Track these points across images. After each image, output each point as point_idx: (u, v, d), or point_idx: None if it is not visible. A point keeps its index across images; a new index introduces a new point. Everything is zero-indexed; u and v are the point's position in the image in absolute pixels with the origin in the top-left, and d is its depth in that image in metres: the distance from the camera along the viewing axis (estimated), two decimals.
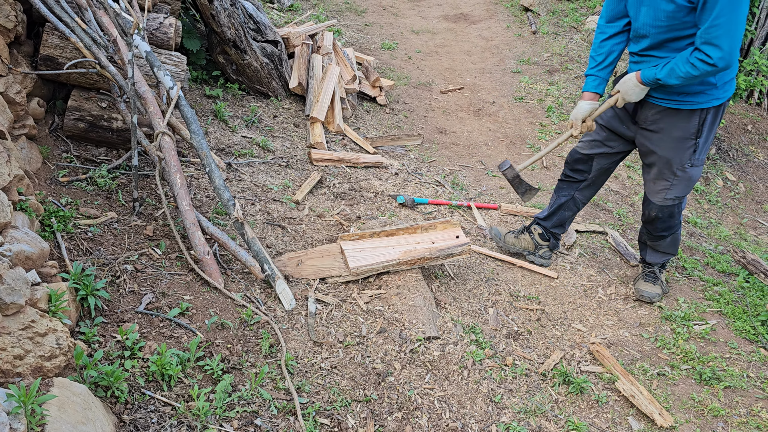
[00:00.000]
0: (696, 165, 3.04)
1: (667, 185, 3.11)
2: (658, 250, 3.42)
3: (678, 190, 3.11)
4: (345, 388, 2.47)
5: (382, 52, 6.89)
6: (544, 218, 3.58)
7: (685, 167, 3.03)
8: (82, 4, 3.20)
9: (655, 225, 3.27)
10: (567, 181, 3.46)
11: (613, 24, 3.03)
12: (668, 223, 3.26)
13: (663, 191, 3.14)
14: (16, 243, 2.04)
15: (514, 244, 3.64)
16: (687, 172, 3.05)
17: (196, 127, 2.97)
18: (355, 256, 3.06)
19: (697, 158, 3.02)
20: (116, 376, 2.01)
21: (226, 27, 4.41)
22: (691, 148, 2.99)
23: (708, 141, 3.00)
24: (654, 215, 3.23)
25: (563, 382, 2.78)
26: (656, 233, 3.32)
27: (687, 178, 3.07)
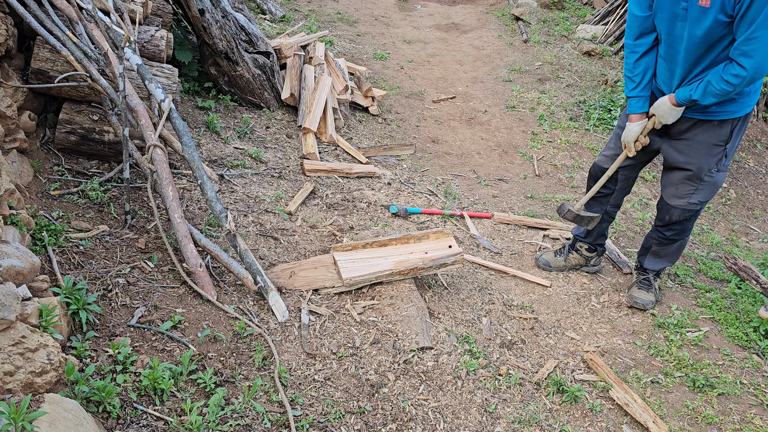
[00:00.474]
0: (722, 170, 3.06)
1: (693, 189, 3.11)
2: (660, 256, 3.42)
3: (702, 195, 3.11)
4: (339, 399, 2.47)
5: (374, 62, 6.92)
6: (585, 236, 3.61)
7: (712, 172, 3.05)
8: (73, 18, 3.21)
9: (672, 228, 3.27)
10: (596, 198, 3.46)
11: (642, 41, 2.99)
12: (684, 227, 3.26)
13: (687, 195, 3.13)
14: (7, 258, 2.03)
15: (566, 265, 3.69)
16: (713, 177, 3.06)
17: (188, 140, 2.97)
18: (348, 267, 3.05)
19: (723, 164, 3.04)
20: (108, 391, 2.00)
21: (217, 39, 4.42)
22: (720, 155, 3.01)
23: (735, 146, 3.02)
24: (675, 219, 3.22)
25: (557, 391, 2.78)
26: (669, 237, 3.32)
27: (713, 183, 3.08)
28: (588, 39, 8.71)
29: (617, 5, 8.97)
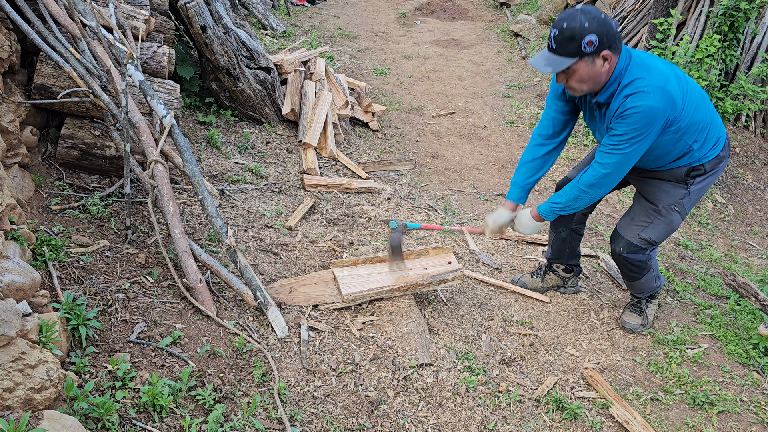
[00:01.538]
0: (680, 212, 2.99)
1: (647, 223, 3.03)
2: (635, 289, 3.38)
3: (654, 232, 3.02)
4: (338, 416, 2.46)
5: (374, 78, 6.97)
6: (556, 257, 3.55)
7: (671, 208, 2.98)
8: (77, 35, 3.24)
9: (622, 263, 3.17)
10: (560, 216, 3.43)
11: (547, 141, 3.04)
12: (635, 267, 3.16)
13: (639, 228, 3.04)
14: (8, 274, 2.04)
15: (543, 286, 3.65)
16: (670, 215, 2.99)
17: (189, 155, 2.99)
18: (348, 283, 3.06)
19: (683, 205, 2.98)
20: (107, 407, 1.99)
21: (219, 55, 4.46)
22: (682, 191, 2.96)
23: (700, 194, 2.98)
24: (619, 251, 3.11)
25: (557, 408, 2.77)
26: (628, 274, 3.24)
27: (668, 221, 3.00)
28: None
29: None
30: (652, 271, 3.24)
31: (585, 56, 2.51)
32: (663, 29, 5.93)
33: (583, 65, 2.55)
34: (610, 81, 2.63)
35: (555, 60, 2.55)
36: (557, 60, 2.55)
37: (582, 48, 2.49)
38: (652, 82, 2.56)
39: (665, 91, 2.57)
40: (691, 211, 5.45)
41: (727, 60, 5.95)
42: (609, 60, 2.55)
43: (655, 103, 2.56)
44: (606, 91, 2.67)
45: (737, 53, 6.11)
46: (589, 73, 2.57)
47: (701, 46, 5.64)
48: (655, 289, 3.38)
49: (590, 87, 2.65)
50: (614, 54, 2.55)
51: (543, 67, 2.58)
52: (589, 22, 2.46)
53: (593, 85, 2.64)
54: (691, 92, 2.73)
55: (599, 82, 2.63)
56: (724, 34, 5.85)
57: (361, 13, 9.78)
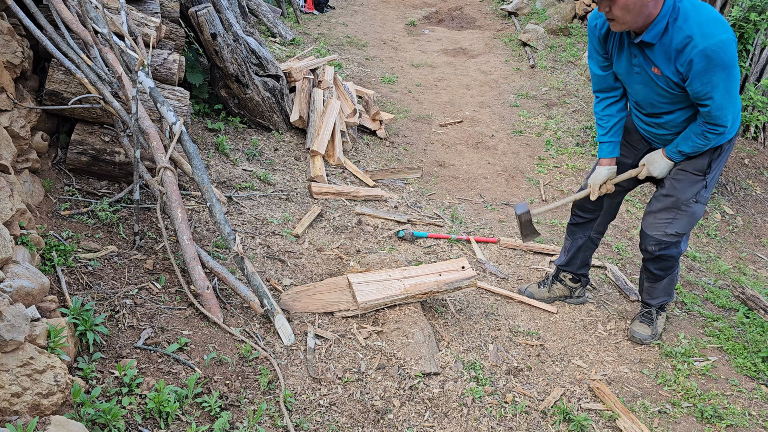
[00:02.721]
0: (701, 202, 3.01)
1: (670, 219, 3.05)
2: (655, 291, 3.36)
3: (679, 226, 3.05)
4: (344, 425, 2.45)
5: (382, 86, 6.98)
6: (567, 264, 3.55)
7: (690, 203, 3.00)
8: (88, 41, 3.26)
9: (655, 262, 3.22)
10: (579, 224, 3.44)
11: (606, 94, 3.04)
12: (666, 263, 3.19)
13: (664, 225, 3.06)
14: (17, 278, 2.05)
15: (550, 296, 3.63)
16: (691, 208, 3.01)
17: (198, 162, 3.00)
18: (363, 290, 3.05)
19: (702, 195, 3.00)
20: (113, 413, 2.00)
21: (228, 62, 4.48)
22: (700, 186, 2.98)
23: (715, 178, 3.00)
24: (650, 249, 3.15)
25: (564, 420, 2.75)
26: (655, 273, 3.25)
27: (690, 213, 3.02)
28: None
29: None
30: (677, 268, 3.26)
31: None
32: None
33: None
34: (658, 18, 2.53)
35: None
36: None
37: None
38: (710, 15, 2.47)
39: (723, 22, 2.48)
40: (699, 222, 5.42)
41: None
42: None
43: (726, 35, 2.45)
44: (653, 28, 2.55)
45: (746, 64, 6.09)
46: (633, 1, 2.47)
47: None
48: (669, 297, 3.38)
49: (633, 19, 2.53)
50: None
51: None
52: None
53: (637, 17, 2.52)
54: None
55: (644, 14, 2.52)
56: None
57: (370, 22, 9.82)
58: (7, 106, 2.86)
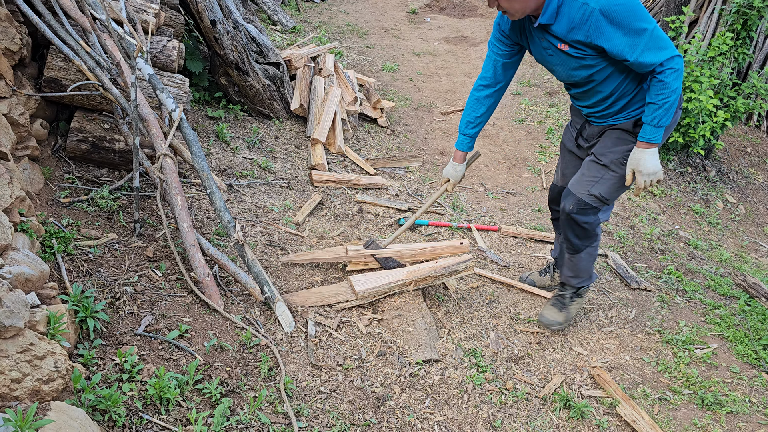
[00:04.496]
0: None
1: (596, 179, 2.87)
2: (573, 268, 3.16)
3: (603, 188, 2.86)
4: (344, 412, 2.46)
5: (383, 74, 6.95)
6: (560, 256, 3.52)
7: (618, 164, 2.81)
8: (87, 28, 3.24)
9: (569, 225, 2.99)
10: (557, 218, 3.36)
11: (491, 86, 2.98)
12: (583, 230, 2.98)
13: (589, 184, 2.88)
14: (17, 265, 2.05)
15: (552, 284, 3.62)
16: (619, 171, 2.82)
17: (198, 149, 2.99)
18: (361, 280, 3.05)
19: None
20: (114, 399, 2.00)
21: (228, 49, 4.46)
22: (629, 144, 2.80)
23: None
24: (569, 209, 2.94)
25: (564, 407, 2.76)
26: (571, 239, 3.04)
27: (618, 177, 2.83)
28: None
29: None
30: (595, 245, 3.08)
31: None
32: (675, 27, 5.88)
33: None
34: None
35: None
36: None
37: None
38: None
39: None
40: (702, 210, 5.41)
41: (740, 58, 5.89)
42: None
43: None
44: (546, 9, 2.53)
45: (750, 52, 6.05)
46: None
47: (713, 45, 5.59)
48: (587, 280, 3.21)
49: (523, 7, 2.52)
50: None
51: None
52: None
53: (526, 4, 2.51)
54: None
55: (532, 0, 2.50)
56: (737, 32, 5.79)
57: (371, 10, 9.76)
58: (5, 93, 2.85)
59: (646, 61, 2.51)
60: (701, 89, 5.40)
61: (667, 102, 2.57)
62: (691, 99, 5.43)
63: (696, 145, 5.66)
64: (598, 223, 2.99)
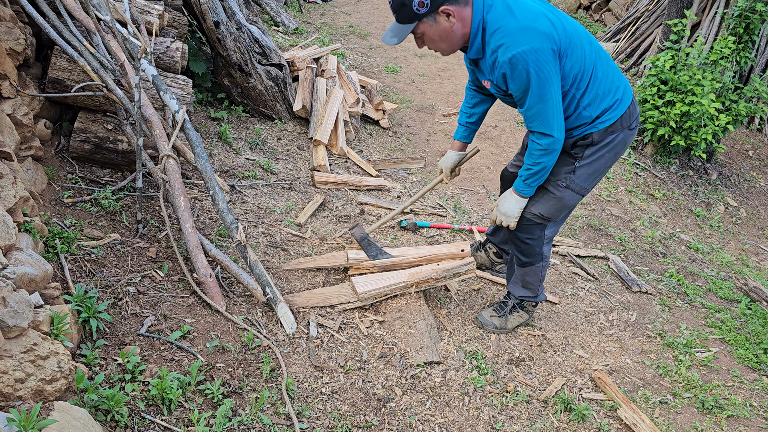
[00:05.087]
0: (571, 188, 2.76)
1: (536, 198, 2.82)
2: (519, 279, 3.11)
3: (543, 208, 2.82)
4: (346, 413, 2.46)
5: (385, 76, 6.96)
6: (492, 234, 3.55)
7: (558, 184, 2.77)
8: (91, 29, 3.25)
9: (512, 241, 2.98)
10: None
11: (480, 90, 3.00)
12: (525, 247, 2.95)
13: (530, 202, 2.84)
14: (20, 265, 2.05)
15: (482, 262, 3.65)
16: (559, 192, 2.77)
17: (201, 150, 3.00)
18: (362, 282, 3.05)
19: (573, 181, 2.75)
20: (116, 399, 2.01)
21: (231, 51, 4.47)
22: (569, 167, 2.75)
23: (594, 169, 2.74)
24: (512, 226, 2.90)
25: (565, 410, 2.76)
26: (515, 253, 3.02)
27: (557, 198, 2.79)
28: None
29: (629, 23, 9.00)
30: (540, 265, 3.02)
31: (423, 17, 2.42)
32: (677, 30, 5.89)
33: (427, 26, 2.45)
34: (472, 34, 2.49)
35: (399, 29, 2.47)
36: (400, 29, 2.47)
37: (415, 10, 2.39)
38: (516, 26, 2.38)
39: (533, 30, 2.38)
40: (703, 214, 5.41)
41: (742, 62, 5.90)
42: (454, 14, 2.42)
43: (526, 46, 2.36)
44: (472, 46, 2.52)
45: (752, 55, 6.06)
46: (437, 33, 2.47)
47: (715, 48, 5.59)
48: (533, 297, 3.15)
49: (449, 46, 2.53)
50: (460, 6, 2.42)
51: (390, 39, 2.49)
52: None
53: (451, 43, 2.52)
54: (573, 34, 2.53)
55: (456, 38, 2.50)
56: (739, 36, 5.80)
57: (373, 11, 9.77)
58: (10, 94, 2.86)
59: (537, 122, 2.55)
60: (703, 92, 5.41)
61: (532, 170, 2.66)
62: (693, 102, 5.43)
63: (698, 149, 5.66)
64: (542, 240, 2.94)
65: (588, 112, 2.63)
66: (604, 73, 2.62)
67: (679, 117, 5.53)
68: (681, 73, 5.57)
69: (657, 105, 5.69)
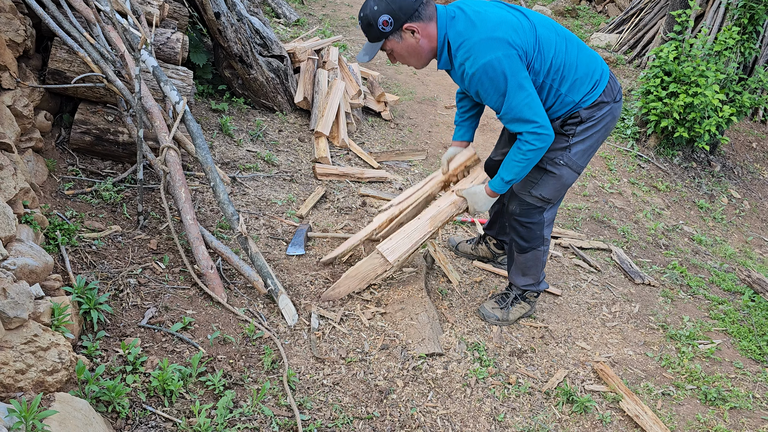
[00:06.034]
0: (569, 166, 2.79)
1: (537, 180, 2.85)
2: (521, 269, 3.12)
3: (545, 189, 2.85)
4: (347, 405, 2.46)
5: (387, 67, 6.93)
6: (489, 227, 3.57)
7: (556, 162, 2.79)
8: (91, 20, 3.24)
9: (514, 227, 3.00)
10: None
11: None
12: (527, 231, 2.97)
13: (530, 185, 2.87)
14: (21, 257, 2.05)
15: (473, 254, 3.67)
16: (558, 170, 2.79)
17: (202, 142, 2.99)
18: (389, 248, 2.97)
19: (570, 158, 2.78)
20: (117, 391, 2.00)
21: (232, 42, 4.45)
22: (563, 144, 2.77)
23: (586, 144, 2.77)
24: (512, 210, 2.96)
25: (567, 401, 2.76)
26: (516, 239, 3.03)
27: (557, 177, 2.81)
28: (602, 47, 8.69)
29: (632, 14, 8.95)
30: (542, 249, 3.04)
31: (389, 35, 2.53)
32: (681, 21, 5.85)
33: (394, 44, 2.57)
34: (439, 48, 2.58)
35: (370, 47, 2.59)
36: (371, 46, 2.58)
37: (381, 30, 2.51)
38: (477, 38, 2.47)
39: (495, 39, 2.46)
40: (706, 206, 5.39)
41: (746, 53, 5.86)
42: (419, 31, 2.52)
43: (491, 56, 2.45)
44: (440, 59, 2.62)
45: (756, 46, 6.01)
46: (404, 49, 2.58)
47: (720, 39, 5.55)
48: (535, 285, 3.16)
49: (418, 60, 2.64)
50: (424, 22, 2.52)
51: (362, 57, 2.59)
52: (377, 4, 2.48)
53: (419, 58, 2.62)
54: (540, 30, 2.59)
55: (424, 53, 2.60)
56: (744, 27, 5.75)
57: None
58: (10, 85, 2.85)
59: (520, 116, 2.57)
60: (707, 84, 5.37)
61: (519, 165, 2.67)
62: (696, 94, 5.40)
63: (701, 140, 5.64)
64: (542, 223, 2.98)
65: (570, 98, 2.69)
66: (577, 59, 2.68)
67: (682, 108, 5.50)
68: (685, 65, 5.53)
69: (660, 96, 5.66)
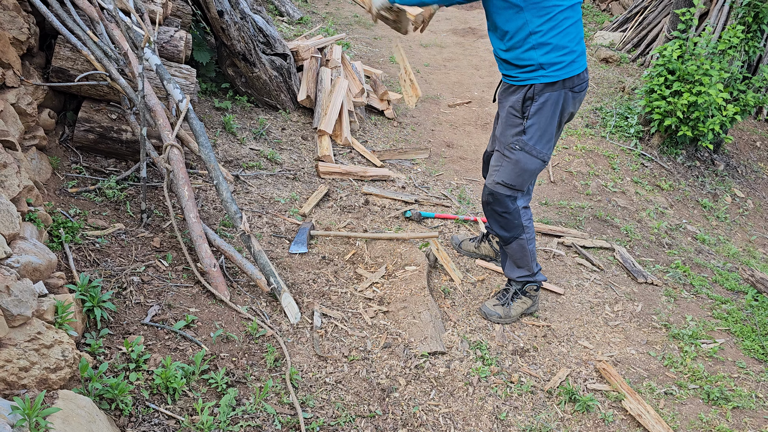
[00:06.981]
0: (526, 150, 2.79)
1: (498, 167, 2.88)
2: (513, 261, 3.13)
3: (505, 175, 2.85)
4: (349, 403, 2.46)
5: (390, 66, 6.92)
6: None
7: (512, 148, 2.80)
8: (94, 18, 3.24)
9: (489, 216, 3.02)
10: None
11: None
12: (501, 220, 2.97)
13: (494, 172, 2.90)
14: (24, 254, 2.05)
15: (476, 252, 3.67)
16: (514, 155, 2.81)
17: (205, 140, 2.99)
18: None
19: (526, 143, 2.78)
20: (121, 388, 2.01)
21: (236, 40, 4.45)
22: (517, 128, 2.79)
23: (541, 128, 2.76)
24: (484, 200, 2.98)
25: (569, 400, 2.75)
26: (495, 230, 3.04)
27: (514, 162, 2.82)
28: (606, 46, 8.67)
29: (635, 12, 8.93)
30: (524, 237, 3.02)
31: None
32: (685, 19, 5.83)
33: None
34: None
35: None
36: None
37: None
38: None
39: None
40: (710, 205, 5.38)
41: (750, 52, 5.84)
42: None
43: None
44: None
45: (761, 45, 5.99)
46: None
47: (724, 37, 5.54)
48: (529, 275, 3.13)
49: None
50: None
51: None
52: None
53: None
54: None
55: None
56: (748, 25, 5.73)
57: None
58: (13, 83, 2.85)
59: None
60: (711, 83, 5.36)
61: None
62: (700, 92, 5.39)
63: (705, 139, 5.62)
64: (517, 211, 2.96)
65: (536, 53, 2.65)
66: (567, 30, 2.65)
67: (686, 107, 5.48)
68: (689, 63, 5.52)
69: (664, 95, 5.64)
